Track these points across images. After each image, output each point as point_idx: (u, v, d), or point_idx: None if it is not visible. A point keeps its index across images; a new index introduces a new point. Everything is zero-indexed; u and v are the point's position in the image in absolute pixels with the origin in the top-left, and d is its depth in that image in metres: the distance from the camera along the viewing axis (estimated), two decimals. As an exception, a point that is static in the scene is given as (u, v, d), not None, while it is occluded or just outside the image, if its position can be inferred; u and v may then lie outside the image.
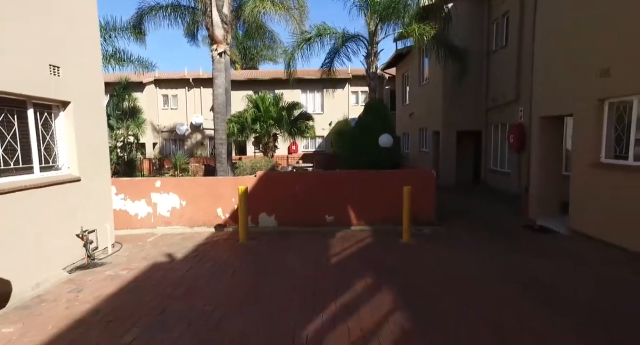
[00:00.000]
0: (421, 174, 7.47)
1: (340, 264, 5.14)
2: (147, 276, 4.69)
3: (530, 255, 5.32)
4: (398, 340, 3.12)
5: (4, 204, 3.96)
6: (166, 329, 3.34)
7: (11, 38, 4.09)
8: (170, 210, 7.35)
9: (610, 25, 5.49)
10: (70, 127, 5.15)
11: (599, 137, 5.85)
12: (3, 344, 3.08)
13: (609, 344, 3.01)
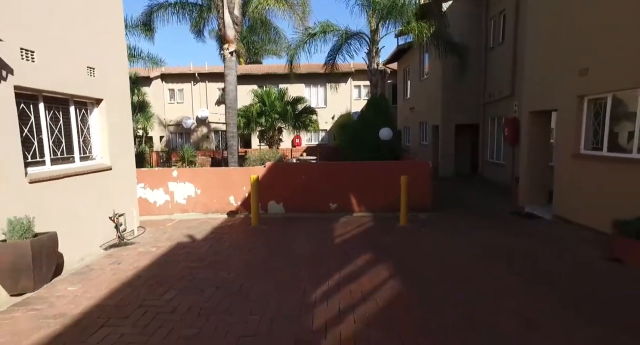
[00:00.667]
0: (418, 165, 8.14)
1: (343, 243, 5.84)
2: (174, 252, 5.41)
3: (511, 235, 6.00)
4: (391, 299, 3.81)
5: (56, 188, 4.66)
6: (198, 290, 4.05)
7: (62, 47, 4.75)
8: (186, 198, 8.06)
9: (588, 29, 6.09)
10: (103, 122, 5.83)
11: (579, 130, 6.48)
12: (72, 298, 3.80)
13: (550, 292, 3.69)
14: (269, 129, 15.21)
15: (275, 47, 27.79)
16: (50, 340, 3.05)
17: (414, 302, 3.71)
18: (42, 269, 4.02)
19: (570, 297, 3.76)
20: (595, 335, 3.05)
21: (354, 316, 3.44)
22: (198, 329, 3.23)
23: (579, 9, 6.34)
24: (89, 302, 3.74)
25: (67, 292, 4.00)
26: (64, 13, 4.86)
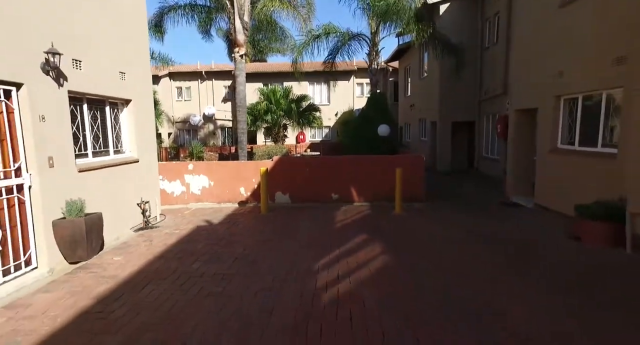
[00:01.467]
0: (412, 158, 8.96)
1: (342, 227, 6.68)
2: (196, 233, 6.28)
3: (493, 221, 6.82)
4: (381, 268, 4.64)
5: (96, 177, 5.53)
6: (220, 261, 4.91)
7: (100, 56, 5.61)
8: (200, 189, 8.93)
9: (561, 37, 6.85)
10: (131, 120, 6.69)
11: (557, 127, 7.26)
12: (118, 265, 4.69)
13: (515, 260, 4.51)
14: (274, 125, 16.06)
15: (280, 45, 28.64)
16: (111, 292, 3.93)
17: (399, 270, 4.55)
18: (92, 242, 4.90)
19: (530, 265, 4.58)
20: (541, 286, 3.88)
21: (349, 279, 4.28)
22: (223, 287, 4.08)
23: (553, 19, 7.10)
24: (133, 268, 4.62)
25: (113, 261, 4.89)
26: (102, 26, 5.71)
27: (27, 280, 4.19)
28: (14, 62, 4.13)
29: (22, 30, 4.25)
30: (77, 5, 5.17)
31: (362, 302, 3.68)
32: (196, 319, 3.38)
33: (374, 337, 3.03)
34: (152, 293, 3.92)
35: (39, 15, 4.49)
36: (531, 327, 3.14)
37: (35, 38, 4.41)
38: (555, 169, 7.18)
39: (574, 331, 3.07)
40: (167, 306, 3.62)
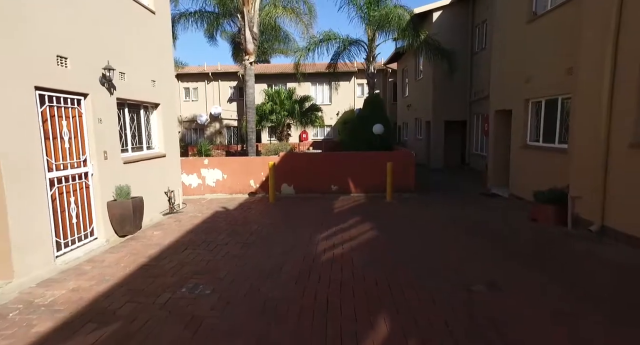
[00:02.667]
0: (404, 154, 10.19)
1: (340, 212, 7.92)
2: (215, 216, 7.56)
3: (470, 207, 8.04)
4: (368, 239, 5.88)
5: (135, 168, 6.79)
6: (239, 235, 6.17)
7: (137, 67, 6.87)
8: (215, 182, 10.20)
9: (528, 47, 8.06)
10: (160, 120, 7.96)
11: (526, 126, 8.47)
12: (159, 237, 5.98)
13: (481, 238, 5.74)
14: (278, 125, 17.31)
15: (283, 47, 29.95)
16: (159, 253, 5.20)
17: (383, 241, 5.80)
18: (136, 220, 6.18)
19: (493, 241, 5.80)
20: (490, 252, 5.12)
21: (342, 247, 5.52)
22: (244, 252, 5.33)
23: (522, 32, 8.32)
24: (170, 239, 5.90)
25: (153, 234, 6.17)
26: (139, 44, 6.97)
27: (93, 246, 5.47)
28: (84, 78, 5.40)
29: (90, 52, 5.51)
30: (125, 30, 6.43)
31: (350, 260, 4.92)
32: (226, 270, 4.63)
33: (358, 281, 4.26)
34: (190, 255, 5.19)
35: (100, 39, 5.76)
36: (470, 274, 4.38)
37: (97, 57, 5.68)
38: (525, 163, 8.40)
39: (497, 277, 4.31)
40: (203, 262, 4.88)
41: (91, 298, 3.82)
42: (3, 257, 4.14)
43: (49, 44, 4.75)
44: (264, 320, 3.35)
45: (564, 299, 3.67)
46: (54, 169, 4.92)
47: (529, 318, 3.30)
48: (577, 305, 3.52)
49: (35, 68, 4.53)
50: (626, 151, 5.10)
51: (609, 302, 3.59)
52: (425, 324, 3.21)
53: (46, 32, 4.71)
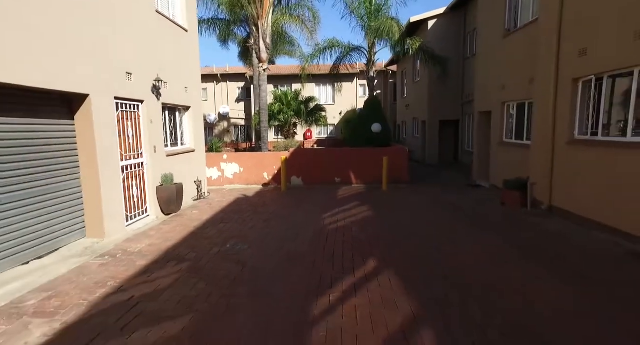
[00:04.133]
0: (398, 150, 11.75)
1: (342, 198, 9.49)
2: (238, 201, 9.15)
3: (455, 195, 9.59)
4: (365, 217, 7.45)
5: (174, 160, 8.38)
6: (260, 215, 7.74)
7: (175, 76, 8.45)
8: (232, 174, 11.80)
9: (502, 59, 9.58)
10: (190, 121, 9.55)
11: (502, 125, 9.99)
12: (197, 215, 7.58)
13: (460, 218, 7.30)
14: (285, 123, 18.84)
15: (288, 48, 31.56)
16: (201, 225, 6.80)
17: (376, 217, 7.37)
18: (178, 202, 7.77)
19: (465, 217, 7.36)
20: (468, 226, 6.68)
21: (344, 221, 7.09)
22: (266, 225, 6.90)
23: (499, 45, 9.85)
24: (207, 216, 7.49)
25: (192, 213, 7.78)
26: (176, 58, 8.56)
27: (147, 221, 7.07)
28: (141, 88, 6.99)
29: (145, 67, 7.10)
30: (167, 47, 8.02)
31: (350, 229, 6.49)
32: (255, 236, 6.20)
33: (355, 241, 5.83)
34: (225, 226, 6.78)
35: (150, 56, 7.34)
36: (442, 237, 5.95)
37: (149, 71, 7.27)
38: (501, 157, 9.94)
39: (461, 238, 5.88)
40: (237, 231, 6.46)
41: (164, 249, 5.42)
42: (98, 222, 5.75)
43: (122, 64, 6.35)
44: (289, 263, 4.92)
45: (504, 250, 5.24)
46: (124, 159, 6.52)
47: (476, 263, 4.87)
48: (510, 252, 5.08)
49: (115, 82, 6.13)
50: (564, 147, 6.65)
51: (531, 249, 5.15)
52: (402, 265, 4.78)
53: (121, 54, 6.31)
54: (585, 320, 3.27)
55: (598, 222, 5.84)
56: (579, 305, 3.57)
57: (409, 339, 3.03)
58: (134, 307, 3.64)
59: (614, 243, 5.29)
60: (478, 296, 3.77)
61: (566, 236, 5.83)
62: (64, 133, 5.48)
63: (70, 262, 4.83)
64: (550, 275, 4.28)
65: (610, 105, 5.93)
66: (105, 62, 5.92)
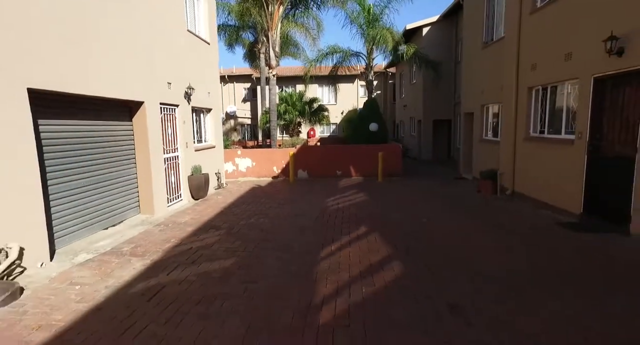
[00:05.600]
0: (392, 147, 13.37)
1: (342, 187, 11.13)
2: (254, 190, 10.80)
3: (442, 186, 11.22)
4: (361, 201, 9.09)
5: (199, 154, 10.02)
6: (274, 200, 9.39)
7: (200, 82, 10.10)
8: (245, 168, 13.45)
9: (483, 66, 11.18)
10: (211, 121, 11.20)
11: (482, 124, 11.60)
12: (221, 199, 9.25)
13: (443, 204, 8.92)
14: (290, 123, 20.47)
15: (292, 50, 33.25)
16: (227, 206, 8.45)
17: (370, 201, 9.01)
18: (205, 189, 9.43)
19: (445, 201, 8.99)
20: (446, 207, 8.32)
21: (343, 204, 8.72)
22: (280, 207, 8.54)
23: (479, 55, 11.45)
24: (230, 200, 9.15)
25: (217, 198, 9.44)
26: (201, 67, 10.21)
27: (182, 204, 8.73)
28: (177, 94, 8.64)
29: (179, 76, 8.74)
30: (194, 58, 9.66)
31: (348, 209, 8.13)
32: (271, 214, 7.84)
33: (352, 217, 7.46)
34: (247, 207, 8.42)
35: (183, 66, 8.98)
36: (423, 215, 7.58)
37: (182, 79, 8.91)
38: (481, 153, 11.54)
39: (438, 215, 7.52)
40: (257, 211, 8.10)
41: (203, 221, 7.08)
42: (149, 201, 7.41)
43: (164, 76, 8.00)
44: (300, 230, 6.55)
45: (465, 221, 6.87)
46: (165, 153, 8.17)
47: (441, 228, 6.51)
48: (471, 222, 6.71)
49: (161, 91, 7.79)
50: (522, 142, 8.26)
51: (486, 220, 6.77)
52: (385, 230, 6.42)
53: (164, 68, 7.96)
54: (498, 254, 4.89)
55: (544, 202, 7.45)
56: (498, 246, 5.19)
57: (384, 266, 4.67)
58: (195, 252, 5.29)
59: (548, 216, 6.92)
60: (433, 244, 5.40)
61: (516, 212, 7.45)
62: (125, 132, 7.14)
63: (136, 229, 6.49)
64: (490, 234, 5.91)
65: (552, 109, 7.53)
66: (154, 75, 7.57)
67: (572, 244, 5.38)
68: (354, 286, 4.10)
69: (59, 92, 5.13)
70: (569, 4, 6.65)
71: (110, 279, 4.37)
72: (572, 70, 6.53)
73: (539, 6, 7.64)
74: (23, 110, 4.50)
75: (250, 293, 3.97)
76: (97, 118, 6.36)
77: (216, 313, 3.55)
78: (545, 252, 5.09)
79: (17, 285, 3.81)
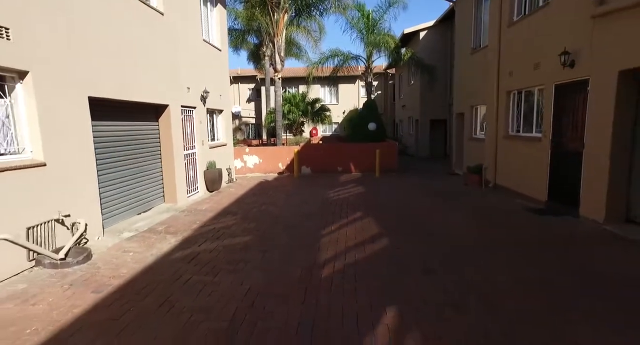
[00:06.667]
0: (389, 144, 14.48)
1: (343, 182, 12.24)
2: (262, 184, 11.94)
3: (433, 180, 12.32)
4: (359, 192, 10.20)
5: (212, 151, 11.16)
6: (281, 192, 10.52)
7: (213, 86, 11.22)
8: (253, 164, 14.58)
9: (472, 70, 12.25)
10: (223, 121, 12.33)
11: (472, 123, 12.68)
12: (234, 191, 10.38)
13: (434, 195, 10.02)
14: (294, 122, 21.59)
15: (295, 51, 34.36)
16: (240, 197, 9.59)
17: (368, 193, 10.12)
18: (219, 182, 10.57)
19: (435, 192, 10.09)
20: (434, 197, 9.43)
21: (343, 195, 9.82)
22: (287, 197, 9.65)
23: (468, 59, 12.53)
24: (241, 192, 10.28)
25: (230, 190, 10.58)
26: (214, 72, 11.33)
27: (199, 195, 9.86)
28: (194, 98, 9.77)
29: (197, 82, 9.86)
30: (209, 64, 10.79)
31: (347, 199, 9.24)
32: (281, 203, 8.96)
33: (350, 204, 8.58)
34: (257, 198, 9.55)
35: (200, 72, 10.10)
36: (414, 203, 8.69)
37: (199, 84, 10.04)
38: (471, 150, 12.63)
39: (427, 203, 8.63)
40: (266, 200, 9.22)
41: (221, 208, 8.21)
42: (172, 192, 8.55)
43: (184, 81, 9.13)
44: (306, 216, 7.66)
45: (449, 207, 7.97)
46: (184, 150, 9.30)
47: (427, 212, 7.62)
48: (453, 207, 7.82)
49: (182, 95, 8.93)
50: (502, 140, 9.35)
51: (466, 206, 7.87)
52: (379, 215, 7.52)
53: (184, 75, 9.09)
54: (467, 230, 6.00)
55: (520, 192, 8.53)
56: (469, 225, 6.30)
57: (374, 240, 5.78)
58: (218, 231, 6.42)
59: (520, 203, 8.01)
60: (416, 225, 6.52)
61: (493, 201, 8.55)
62: (152, 131, 8.27)
63: (164, 215, 7.63)
64: (466, 217, 7.02)
65: (527, 111, 8.62)
66: (177, 82, 8.71)
67: (529, 223, 6.50)
68: (348, 253, 5.21)
69: (109, 99, 6.27)
70: (536, 21, 7.73)
71: (154, 249, 5.51)
72: (539, 77, 7.61)
73: (515, 20, 8.72)
74: (86, 113, 5.64)
75: (266, 258, 5.10)
76: (131, 119, 7.49)
77: (242, 269, 4.67)
78: (505, 229, 6.21)
79: (89, 250, 4.96)
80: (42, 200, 4.77)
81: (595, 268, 4.51)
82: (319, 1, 15.47)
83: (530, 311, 3.48)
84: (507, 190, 9.18)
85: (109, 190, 6.65)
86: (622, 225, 5.65)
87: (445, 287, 4.03)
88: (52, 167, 4.92)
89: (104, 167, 6.49)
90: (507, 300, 3.72)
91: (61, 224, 5.08)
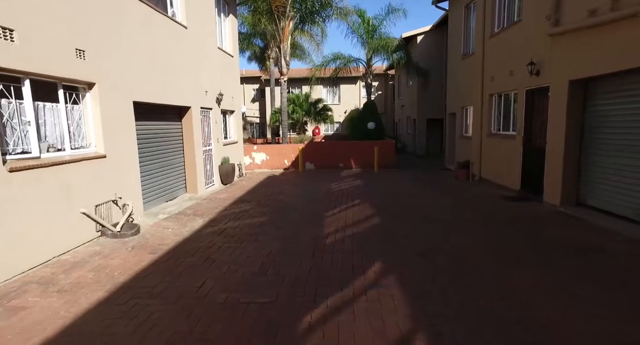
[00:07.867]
0: (387, 142, 15.72)
1: (344, 176, 13.48)
2: (270, 178, 13.19)
3: (427, 175, 13.54)
4: (358, 185, 11.44)
5: (226, 148, 12.40)
6: (288, 184, 11.76)
7: (226, 89, 12.47)
8: (260, 161, 15.83)
9: (463, 74, 13.47)
10: (234, 121, 13.58)
11: (462, 123, 13.89)
12: (245, 183, 11.64)
13: (430, 189, 11.25)
14: (297, 121, 22.83)
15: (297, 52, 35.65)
16: (252, 189, 10.85)
17: (366, 186, 11.36)
18: (232, 176, 11.82)
19: (427, 185, 11.33)
20: (426, 189, 10.66)
21: (344, 187, 11.06)
22: (294, 188, 10.90)
23: (459, 64, 13.75)
24: (252, 185, 11.54)
25: (242, 183, 11.83)
26: (226, 75, 12.59)
27: (215, 187, 11.12)
28: (211, 100, 11.03)
29: (213, 85, 11.11)
30: (223, 69, 12.04)
31: (348, 190, 10.47)
32: (289, 193, 10.19)
33: (351, 194, 9.81)
34: (267, 189, 10.80)
35: (215, 76, 11.35)
36: (408, 195, 9.93)
37: (215, 87, 11.29)
38: (461, 147, 13.84)
39: (419, 193, 9.86)
40: (276, 191, 10.46)
41: (237, 197, 9.47)
42: (193, 183, 9.82)
43: (203, 86, 10.39)
44: (311, 203, 8.91)
45: (436, 195, 9.20)
46: (203, 146, 10.56)
47: (418, 201, 8.86)
48: (440, 195, 9.04)
49: (201, 98, 10.19)
50: (485, 138, 10.57)
51: (452, 195, 9.10)
52: (375, 201, 8.76)
53: (203, 80, 10.35)
54: (447, 212, 7.23)
55: (500, 184, 9.75)
56: (451, 208, 7.53)
57: (368, 219, 7.02)
58: (237, 214, 7.68)
59: (498, 193, 9.24)
60: (405, 208, 7.75)
61: (475, 191, 9.78)
62: (176, 129, 9.53)
63: (188, 202, 8.89)
64: (448, 203, 8.25)
65: (505, 112, 9.84)
66: (198, 86, 9.97)
67: (501, 207, 7.74)
68: (347, 229, 6.46)
69: (147, 103, 7.53)
70: (512, 34, 8.95)
71: (187, 227, 6.76)
72: (514, 83, 8.83)
73: (495, 32, 9.94)
74: (131, 115, 6.90)
75: (281, 231, 6.35)
76: (161, 119, 8.75)
77: (262, 240, 5.92)
78: (480, 211, 7.46)
79: (138, 226, 6.22)
80: (103, 184, 6.03)
81: (543, 236, 5.74)
82: (322, 9, 16.68)
83: (482, 260, 4.73)
84: (489, 182, 10.40)
85: (145, 179, 7.91)
86: (573, 207, 6.87)
87: (417, 246, 5.28)
88: (110, 158, 6.18)
89: (142, 160, 7.75)
90: (465, 253, 4.98)
91: (115, 204, 6.34)
